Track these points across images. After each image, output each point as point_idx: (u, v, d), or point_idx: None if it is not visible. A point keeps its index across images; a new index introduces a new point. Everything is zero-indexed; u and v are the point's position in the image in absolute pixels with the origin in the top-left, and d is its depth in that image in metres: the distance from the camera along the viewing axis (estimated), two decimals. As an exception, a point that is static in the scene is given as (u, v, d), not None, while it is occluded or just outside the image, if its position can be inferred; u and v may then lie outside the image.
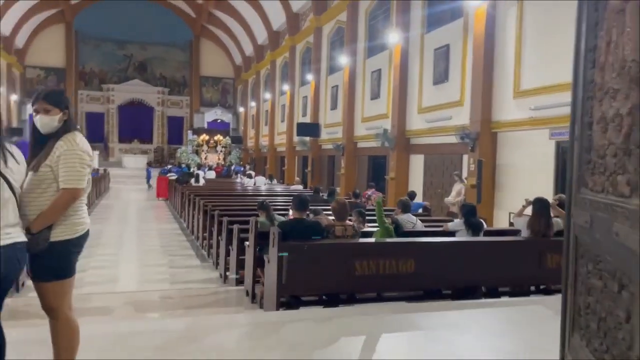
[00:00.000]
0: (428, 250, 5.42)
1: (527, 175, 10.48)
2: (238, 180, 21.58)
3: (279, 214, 7.15)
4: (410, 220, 6.68)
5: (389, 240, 5.45)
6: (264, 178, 19.50)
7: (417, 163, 14.76)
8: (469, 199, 11.40)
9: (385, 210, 7.67)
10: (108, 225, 13.37)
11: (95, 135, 38.33)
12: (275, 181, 20.76)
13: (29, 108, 27.85)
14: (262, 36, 30.25)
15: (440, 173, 13.61)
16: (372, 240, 5.52)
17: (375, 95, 17.14)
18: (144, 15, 36.20)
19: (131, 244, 10.44)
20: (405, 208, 6.76)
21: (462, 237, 6.30)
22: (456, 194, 11.99)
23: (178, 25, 37.43)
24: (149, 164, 26.27)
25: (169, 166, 27.44)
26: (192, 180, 18.36)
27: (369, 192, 12.18)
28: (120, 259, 8.87)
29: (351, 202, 10.43)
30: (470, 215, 6.38)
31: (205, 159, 33.89)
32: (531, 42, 10.37)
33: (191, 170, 23.97)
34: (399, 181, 14.96)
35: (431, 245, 5.49)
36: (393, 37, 14.98)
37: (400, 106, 15.01)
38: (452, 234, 6.39)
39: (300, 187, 16.95)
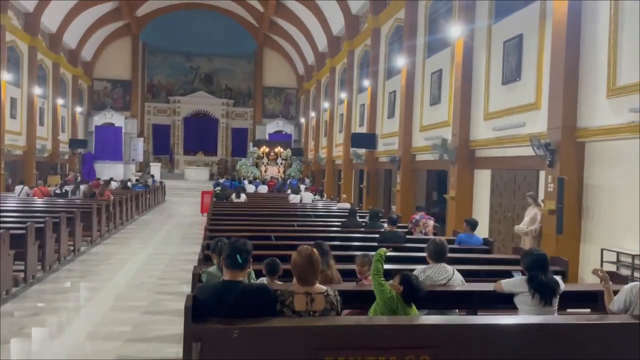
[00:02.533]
0: (456, 337, 3.21)
1: (626, 200, 7.79)
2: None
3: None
4: (443, 274, 4.46)
5: (385, 319, 3.29)
6: (311, 194, 17.57)
7: (482, 180, 12.24)
8: (547, 229, 8.86)
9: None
10: (125, 246, 12.04)
11: (162, 147, 38.45)
12: (325, 197, 18.81)
13: (96, 120, 28.22)
14: (322, 43, 28.65)
15: (511, 193, 11.03)
16: (355, 319, 3.38)
17: (435, 100, 14.78)
18: (210, 27, 35.96)
19: (128, 274, 8.89)
20: (440, 256, 4.53)
21: (523, 304, 4.03)
22: (530, 221, 9.43)
23: (243, 36, 36.78)
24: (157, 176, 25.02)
25: (222, 179, 26.31)
26: (233, 196, 16.82)
27: (417, 216, 9.84)
28: (97, 297, 7.28)
29: (387, 231, 8.27)
30: (538, 269, 4.09)
31: (265, 171, 32.70)
32: (632, 21, 7.76)
33: (241, 184, 22.62)
34: (461, 202, 12.50)
35: (461, 330, 3.27)
36: (455, 30, 12.64)
37: (463, 111, 12.59)
38: (507, 298, 4.12)
39: (347, 205, 14.85)
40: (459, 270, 4.92)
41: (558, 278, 4.20)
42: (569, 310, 4.62)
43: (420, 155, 15.75)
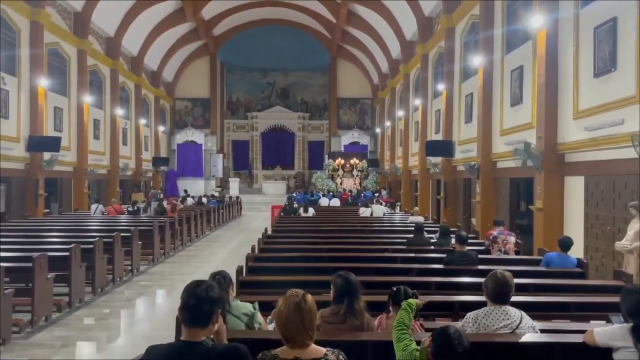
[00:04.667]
0: None
1: None
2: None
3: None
4: (504, 321, 3.36)
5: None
6: (382, 207, 16.52)
7: (575, 188, 10.64)
8: (657, 246, 7.28)
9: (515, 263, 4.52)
10: (185, 265, 11.73)
11: (241, 162, 39.04)
12: (398, 209, 17.67)
13: (178, 138, 29.00)
14: (395, 49, 27.61)
15: (609, 202, 9.41)
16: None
17: (516, 101, 13.29)
18: (284, 42, 36.09)
19: (175, 298, 8.38)
20: (501, 295, 3.44)
21: (625, 365, 2.87)
22: (634, 236, 7.83)
23: (317, 49, 36.62)
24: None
25: (295, 193, 25.93)
26: (301, 210, 16.20)
27: (495, 232, 8.58)
28: (134, 325, 6.81)
29: (454, 251, 7.13)
30: (647, 315, 2.91)
31: (341, 184, 32.04)
32: None
33: (313, 197, 22.06)
34: (550, 214, 10.95)
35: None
36: (536, 20, 11.21)
37: (549, 111, 11.08)
38: (602, 353, 2.98)
39: (420, 218, 13.67)
40: (540, 304, 3.80)
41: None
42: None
43: (502, 162, 14.25)
